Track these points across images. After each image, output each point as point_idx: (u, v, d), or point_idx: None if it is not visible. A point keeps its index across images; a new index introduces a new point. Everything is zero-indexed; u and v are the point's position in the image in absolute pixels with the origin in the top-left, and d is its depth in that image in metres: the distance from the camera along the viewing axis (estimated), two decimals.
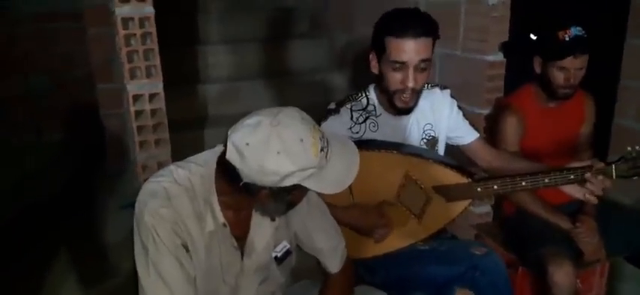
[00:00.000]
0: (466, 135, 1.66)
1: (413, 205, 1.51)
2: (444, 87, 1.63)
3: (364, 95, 1.55)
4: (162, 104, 1.96)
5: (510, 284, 1.49)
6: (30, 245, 2.40)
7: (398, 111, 1.50)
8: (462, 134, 1.65)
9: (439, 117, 1.61)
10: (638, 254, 1.96)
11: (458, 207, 1.51)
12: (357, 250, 1.49)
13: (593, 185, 1.38)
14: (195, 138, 2.50)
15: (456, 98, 1.64)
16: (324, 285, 1.35)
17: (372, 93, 1.55)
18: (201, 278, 1.09)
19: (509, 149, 1.78)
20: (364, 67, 1.53)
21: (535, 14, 2.07)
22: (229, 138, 0.97)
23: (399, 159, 1.47)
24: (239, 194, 1.01)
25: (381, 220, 1.50)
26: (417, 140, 1.59)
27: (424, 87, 1.51)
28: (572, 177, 1.40)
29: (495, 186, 1.46)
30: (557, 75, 1.74)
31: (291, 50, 3.15)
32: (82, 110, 3.53)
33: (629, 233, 1.85)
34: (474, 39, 1.99)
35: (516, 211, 1.88)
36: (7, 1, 3.59)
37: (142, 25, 1.87)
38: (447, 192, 1.49)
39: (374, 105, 1.54)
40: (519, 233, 1.84)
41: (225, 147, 0.98)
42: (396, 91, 1.44)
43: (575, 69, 1.72)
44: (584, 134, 1.93)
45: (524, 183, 1.44)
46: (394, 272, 1.52)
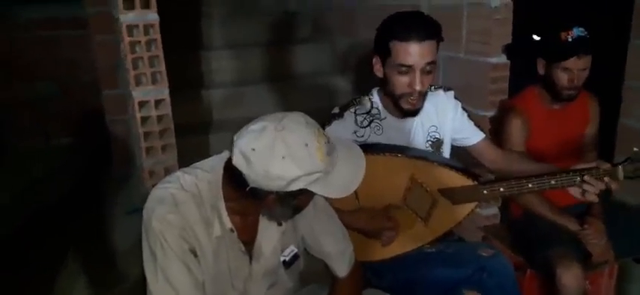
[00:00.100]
0: (472, 136, 1.65)
1: (419, 208, 1.51)
2: (447, 89, 1.63)
3: (368, 99, 1.55)
4: (168, 110, 1.96)
5: (518, 286, 1.48)
6: (38, 250, 2.42)
7: (404, 114, 1.50)
8: (468, 135, 1.65)
9: (443, 119, 1.61)
10: None
11: (464, 210, 1.51)
12: (365, 254, 1.49)
13: (590, 186, 1.37)
14: (200, 142, 2.52)
15: (460, 99, 1.64)
16: (332, 289, 1.35)
17: (375, 96, 1.56)
18: (210, 283, 1.09)
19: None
20: (367, 71, 1.53)
21: (538, 16, 2.07)
22: (235, 143, 0.98)
23: (404, 162, 1.47)
24: (246, 199, 1.02)
25: (388, 224, 1.50)
26: (421, 142, 1.59)
27: (429, 89, 1.51)
28: (578, 178, 1.39)
29: (501, 189, 1.46)
30: (561, 77, 1.74)
31: (295, 54, 3.16)
32: (88, 116, 3.57)
33: (637, 234, 1.83)
34: (476, 41, 1.99)
35: (524, 213, 1.87)
36: (14, 9, 3.62)
37: (147, 32, 1.88)
38: (453, 195, 1.48)
39: (378, 109, 1.54)
40: (527, 235, 1.83)
41: (232, 152, 0.99)
42: (403, 95, 1.44)
43: (579, 70, 1.72)
44: (589, 135, 1.92)
45: (530, 184, 1.43)
46: (402, 276, 1.52)
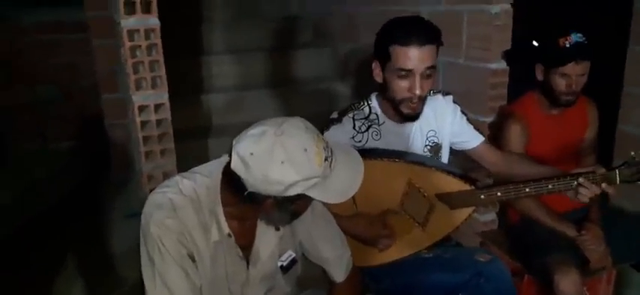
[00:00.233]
0: (471, 140, 1.65)
1: (417, 213, 1.51)
2: (446, 93, 1.63)
3: (366, 104, 1.56)
4: (167, 114, 1.97)
5: (515, 291, 1.48)
6: (38, 252, 2.43)
7: (403, 119, 1.50)
8: (467, 139, 1.65)
9: (442, 124, 1.61)
10: None
11: (462, 215, 1.51)
12: (362, 259, 1.49)
13: (585, 188, 1.38)
14: (201, 147, 2.52)
15: (459, 103, 1.64)
16: (329, 294, 1.35)
17: (374, 101, 1.56)
18: (207, 288, 1.10)
19: None
20: (368, 76, 1.53)
21: (537, 22, 2.08)
22: (234, 148, 0.98)
23: (401, 167, 1.47)
24: (244, 204, 1.02)
25: (385, 229, 1.50)
26: (420, 147, 1.59)
27: (428, 93, 1.52)
28: (575, 183, 1.40)
29: (499, 193, 1.46)
30: (559, 82, 1.74)
31: (295, 59, 3.16)
32: (88, 119, 3.57)
33: (635, 240, 1.84)
34: (476, 47, 2.00)
35: (522, 219, 1.88)
36: (16, 12, 3.64)
37: (148, 37, 1.89)
38: (451, 200, 1.49)
39: (376, 114, 1.55)
40: (525, 240, 1.83)
41: (231, 157, 0.99)
42: (403, 99, 1.44)
43: (577, 75, 1.72)
44: (587, 140, 1.93)
45: (527, 189, 1.43)
46: (399, 281, 1.52)
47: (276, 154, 0.94)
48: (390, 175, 1.47)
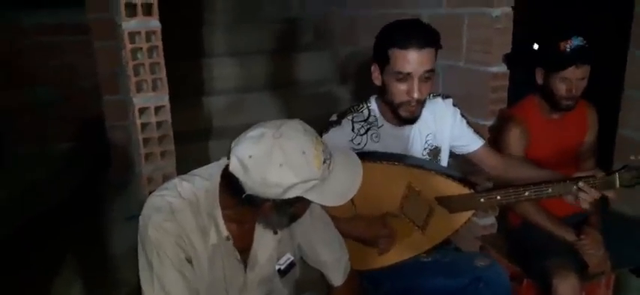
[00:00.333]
0: (471, 143, 1.65)
1: (416, 217, 1.51)
2: (446, 97, 1.63)
3: (365, 106, 1.56)
4: (167, 116, 1.97)
5: None
6: (37, 252, 2.43)
7: (403, 122, 1.50)
8: (467, 142, 1.65)
9: (441, 127, 1.61)
10: None
11: (461, 218, 1.51)
12: (361, 262, 1.49)
13: (585, 193, 1.38)
14: (201, 149, 2.52)
15: (459, 106, 1.64)
16: None
17: (373, 104, 1.56)
18: (205, 291, 1.09)
19: None
20: (368, 79, 1.54)
21: (538, 25, 2.08)
22: (232, 150, 0.98)
23: (401, 170, 1.47)
24: (242, 206, 1.02)
25: (384, 232, 1.50)
26: (419, 150, 1.59)
27: (427, 96, 1.52)
28: (574, 187, 1.39)
29: (498, 197, 1.46)
30: (560, 86, 1.74)
31: (296, 62, 3.17)
32: (88, 121, 3.57)
33: (634, 245, 1.83)
34: (477, 50, 2.00)
35: (521, 223, 1.87)
36: (16, 14, 3.64)
37: (149, 39, 1.89)
38: (450, 203, 1.49)
39: (375, 117, 1.55)
40: (524, 245, 1.83)
41: (229, 159, 0.99)
42: (402, 103, 1.44)
43: (577, 79, 1.72)
44: (587, 144, 1.93)
45: (527, 193, 1.43)
46: (398, 284, 1.52)
47: (275, 157, 0.93)
48: (390, 178, 1.47)
